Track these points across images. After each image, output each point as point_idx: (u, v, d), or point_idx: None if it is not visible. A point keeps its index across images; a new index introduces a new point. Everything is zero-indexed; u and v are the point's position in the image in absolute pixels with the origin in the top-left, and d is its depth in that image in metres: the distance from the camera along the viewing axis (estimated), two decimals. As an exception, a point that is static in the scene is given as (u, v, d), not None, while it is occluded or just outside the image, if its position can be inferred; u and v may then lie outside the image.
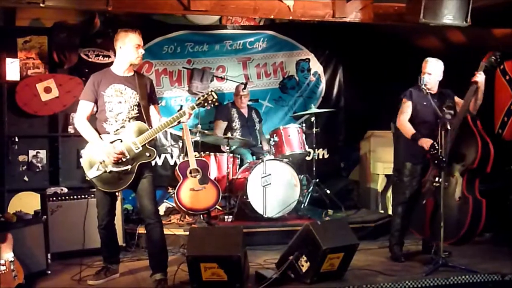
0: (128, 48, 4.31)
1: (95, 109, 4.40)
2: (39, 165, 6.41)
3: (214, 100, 4.40)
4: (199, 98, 4.45)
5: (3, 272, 4.04)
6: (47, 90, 6.29)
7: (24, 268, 4.24)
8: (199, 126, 6.46)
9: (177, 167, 6.06)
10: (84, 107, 4.35)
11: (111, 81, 4.34)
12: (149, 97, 4.46)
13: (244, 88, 6.90)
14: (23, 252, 4.43)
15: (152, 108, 4.51)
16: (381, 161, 7.19)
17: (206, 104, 4.43)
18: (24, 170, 6.36)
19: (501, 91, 6.24)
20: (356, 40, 7.35)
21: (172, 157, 7.12)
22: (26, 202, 5.87)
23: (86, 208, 4.72)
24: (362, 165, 7.65)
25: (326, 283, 4.32)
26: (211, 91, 4.44)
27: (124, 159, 4.25)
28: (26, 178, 6.35)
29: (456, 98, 5.16)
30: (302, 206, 6.42)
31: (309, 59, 7.73)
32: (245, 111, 7.00)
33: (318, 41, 7.71)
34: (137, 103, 4.35)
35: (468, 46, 6.47)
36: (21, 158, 6.35)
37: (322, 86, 7.79)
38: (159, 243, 4.38)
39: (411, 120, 5.09)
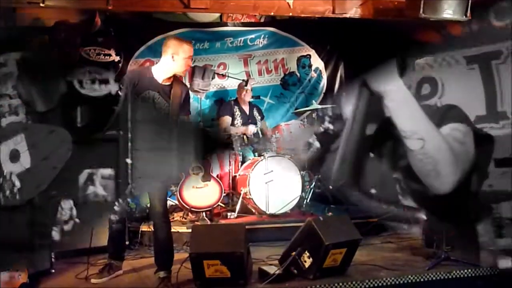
0: (179, 59, 4.23)
1: None
2: (42, 164, 6.43)
3: None
4: None
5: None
6: (49, 89, 6.30)
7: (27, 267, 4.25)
8: (201, 123, 6.48)
9: (179, 165, 6.09)
10: None
11: (146, 87, 4.23)
12: (180, 108, 4.36)
13: (246, 85, 6.91)
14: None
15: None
16: (383, 156, 7.19)
17: None
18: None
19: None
20: (357, 36, 7.33)
21: (174, 155, 7.12)
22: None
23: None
24: (364, 161, 7.64)
25: (329, 279, 4.31)
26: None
27: None
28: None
29: None
30: (304, 202, 6.44)
31: (310, 55, 7.74)
32: (246, 109, 7.01)
33: (319, 37, 7.71)
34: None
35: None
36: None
37: (324, 82, 7.80)
38: (165, 243, 4.38)
39: None
